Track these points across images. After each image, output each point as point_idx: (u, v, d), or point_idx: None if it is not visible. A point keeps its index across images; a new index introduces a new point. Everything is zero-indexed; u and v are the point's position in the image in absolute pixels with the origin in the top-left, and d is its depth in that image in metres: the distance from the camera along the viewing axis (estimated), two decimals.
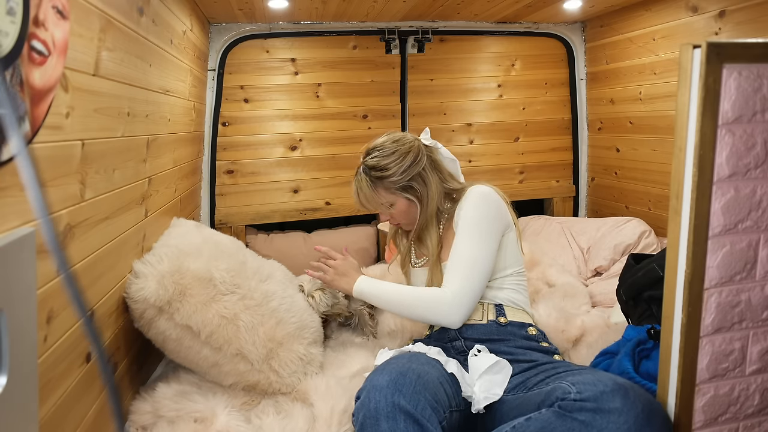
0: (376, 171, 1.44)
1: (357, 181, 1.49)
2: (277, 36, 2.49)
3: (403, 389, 1.02)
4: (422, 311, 1.36)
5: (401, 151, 1.44)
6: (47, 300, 0.90)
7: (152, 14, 1.43)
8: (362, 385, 1.09)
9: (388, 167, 1.43)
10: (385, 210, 1.51)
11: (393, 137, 1.49)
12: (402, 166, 1.43)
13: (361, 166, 1.49)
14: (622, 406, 0.91)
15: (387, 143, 1.47)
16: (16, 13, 0.73)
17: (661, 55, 2.24)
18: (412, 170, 1.43)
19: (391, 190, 1.45)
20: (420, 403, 1.01)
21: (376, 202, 1.48)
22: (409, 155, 1.43)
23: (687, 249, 0.92)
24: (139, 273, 1.33)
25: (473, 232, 1.37)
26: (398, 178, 1.43)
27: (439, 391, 1.09)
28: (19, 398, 0.72)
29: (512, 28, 2.70)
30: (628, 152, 2.56)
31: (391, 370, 1.07)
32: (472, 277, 1.33)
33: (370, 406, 1.01)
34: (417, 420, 0.99)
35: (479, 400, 1.15)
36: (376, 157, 1.45)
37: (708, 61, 0.85)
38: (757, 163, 0.91)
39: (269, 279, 1.58)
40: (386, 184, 1.44)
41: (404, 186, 1.44)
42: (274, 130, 2.57)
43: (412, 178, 1.44)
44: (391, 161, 1.43)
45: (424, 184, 1.45)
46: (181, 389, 1.39)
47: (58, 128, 0.93)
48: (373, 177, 1.45)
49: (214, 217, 2.53)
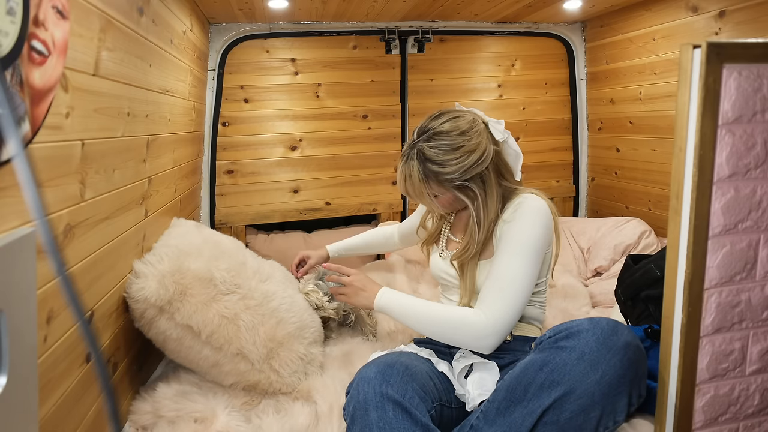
0: (432, 164, 1.27)
1: (407, 167, 1.30)
2: (277, 36, 2.49)
3: (390, 380, 1.04)
4: (452, 332, 1.21)
5: (467, 148, 1.26)
6: (47, 300, 0.90)
7: (152, 14, 1.43)
8: (352, 379, 1.11)
9: (448, 164, 1.26)
10: (429, 199, 1.35)
11: (459, 126, 1.28)
12: (464, 165, 1.26)
13: (413, 149, 1.30)
14: (589, 325, 1.02)
15: (453, 134, 1.27)
16: (16, 13, 0.73)
17: (661, 55, 2.24)
18: (473, 170, 1.27)
19: (444, 186, 1.29)
20: (408, 392, 1.03)
21: (423, 193, 1.32)
22: (474, 154, 1.26)
23: (687, 249, 0.92)
24: (140, 273, 1.33)
25: (523, 252, 1.23)
26: (457, 176, 1.27)
27: (428, 383, 1.12)
28: (19, 398, 0.72)
29: (512, 28, 2.70)
30: (628, 152, 2.56)
31: (379, 362, 1.10)
32: (513, 302, 1.20)
33: (359, 397, 1.03)
34: (405, 408, 1.01)
35: (473, 398, 1.16)
36: (435, 149, 1.27)
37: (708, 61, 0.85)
38: (757, 163, 0.91)
39: (269, 279, 1.58)
40: (441, 179, 1.28)
41: (460, 185, 1.29)
42: (274, 130, 2.57)
43: (471, 179, 1.28)
44: (453, 158, 1.26)
45: (483, 187, 1.29)
46: (182, 389, 1.39)
47: (58, 128, 0.93)
48: (427, 170, 1.28)
49: (214, 217, 2.53)
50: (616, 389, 0.98)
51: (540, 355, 1.03)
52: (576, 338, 1.00)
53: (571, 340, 1.01)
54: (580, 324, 1.03)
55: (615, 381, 0.97)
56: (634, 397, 1.01)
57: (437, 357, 1.29)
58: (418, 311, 1.26)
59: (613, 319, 1.04)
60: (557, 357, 1.00)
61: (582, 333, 1.00)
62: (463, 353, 1.28)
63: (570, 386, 0.97)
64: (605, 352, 0.97)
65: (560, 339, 1.03)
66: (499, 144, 1.33)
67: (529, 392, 1.01)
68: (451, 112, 1.33)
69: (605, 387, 0.97)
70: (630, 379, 0.98)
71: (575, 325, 1.03)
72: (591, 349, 0.98)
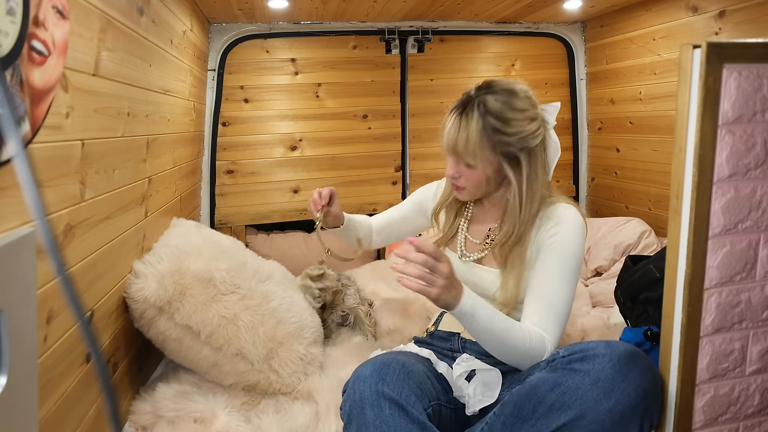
0: (494, 119, 1.15)
1: (466, 118, 1.17)
2: (277, 36, 2.49)
3: (386, 378, 1.03)
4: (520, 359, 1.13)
5: (529, 114, 1.18)
6: (47, 300, 0.90)
7: (152, 14, 1.43)
8: (348, 378, 1.10)
9: (511, 123, 1.16)
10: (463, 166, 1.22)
11: (526, 90, 1.22)
12: (524, 131, 1.16)
13: (474, 99, 1.19)
14: (606, 350, 0.97)
15: (521, 94, 1.20)
16: (16, 13, 0.73)
17: (661, 55, 2.24)
18: (529, 140, 1.17)
19: (496, 150, 1.17)
20: (404, 390, 1.02)
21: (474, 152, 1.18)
22: (534, 123, 1.18)
23: (687, 249, 0.92)
24: (140, 273, 1.33)
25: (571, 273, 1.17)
26: (514, 140, 1.16)
27: (425, 382, 1.10)
28: (19, 398, 0.72)
29: (512, 28, 2.69)
30: (628, 152, 2.55)
31: (375, 361, 1.09)
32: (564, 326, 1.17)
33: (355, 396, 1.02)
34: (402, 406, 1.00)
35: (474, 404, 1.15)
36: (500, 102, 1.17)
37: (708, 61, 0.85)
38: (757, 163, 0.91)
39: (269, 279, 1.58)
40: (498, 139, 1.16)
41: (511, 154, 1.18)
42: (274, 130, 2.57)
43: (523, 150, 1.18)
44: (516, 118, 1.16)
45: (531, 164, 1.19)
46: (181, 389, 1.39)
47: (58, 128, 0.93)
48: (487, 124, 1.16)
49: (214, 217, 2.53)
50: (629, 419, 0.94)
51: (552, 375, 1.00)
52: (591, 362, 0.96)
53: (586, 363, 0.97)
54: (597, 347, 0.98)
55: (628, 410, 0.94)
56: (646, 428, 0.97)
57: (437, 357, 1.28)
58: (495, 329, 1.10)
59: (630, 345, 0.99)
60: (570, 380, 0.97)
61: (598, 358, 0.96)
62: (465, 358, 1.26)
63: (581, 411, 0.94)
64: (620, 380, 0.94)
65: (575, 360, 0.99)
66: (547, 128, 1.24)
67: (537, 411, 0.98)
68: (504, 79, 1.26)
69: (617, 416, 0.93)
70: (643, 410, 0.95)
71: (591, 348, 0.99)
72: (606, 376, 0.94)
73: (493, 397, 1.15)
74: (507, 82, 1.22)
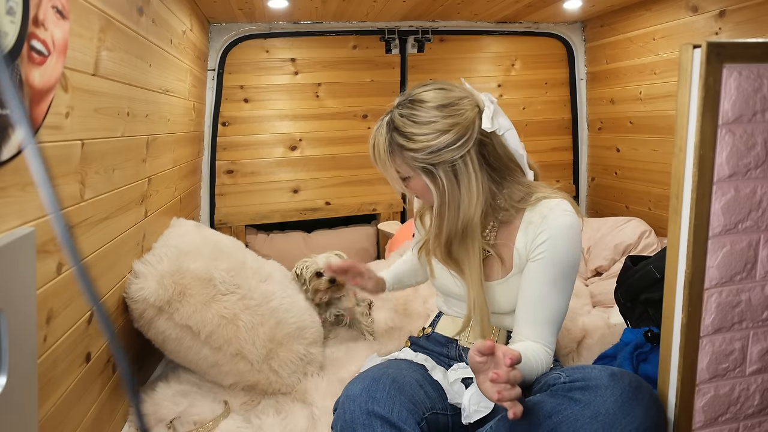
0: (398, 135, 1.08)
1: (376, 134, 1.13)
2: (277, 36, 2.49)
3: (376, 396, 1.00)
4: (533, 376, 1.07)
5: (439, 125, 1.05)
6: (47, 300, 0.90)
7: (152, 14, 1.43)
8: (339, 397, 1.07)
9: (414, 138, 1.06)
10: (400, 181, 1.16)
11: (443, 98, 1.09)
12: (432, 145, 1.05)
13: (388, 115, 1.13)
14: (609, 381, 0.92)
15: (428, 105, 1.08)
16: (15, 13, 0.73)
17: (661, 55, 2.24)
18: (443, 154, 1.05)
19: (409, 164, 1.10)
20: (395, 407, 1.00)
21: (388, 168, 1.14)
22: (448, 135, 1.05)
23: (687, 249, 0.92)
24: (139, 273, 1.33)
25: (566, 279, 1.11)
26: (422, 156, 1.06)
27: (417, 393, 1.07)
28: (19, 398, 0.71)
29: (512, 28, 2.69)
30: (628, 152, 2.55)
31: (364, 377, 1.06)
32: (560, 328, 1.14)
33: (345, 417, 1.00)
34: (393, 424, 0.98)
35: (470, 414, 1.13)
36: (405, 118, 1.08)
37: (708, 61, 0.85)
38: (757, 163, 0.91)
39: (269, 279, 1.58)
40: (406, 156, 1.08)
41: (426, 168, 1.08)
42: (274, 130, 2.57)
43: (439, 164, 1.06)
44: (421, 132, 1.06)
45: (454, 179, 1.07)
46: (181, 389, 1.39)
47: (58, 128, 0.93)
48: (393, 140, 1.09)
49: (214, 217, 2.53)
50: None
51: (551, 401, 0.95)
52: (593, 393, 0.91)
53: (588, 393, 0.91)
54: (600, 377, 0.92)
55: None
56: None
57: (433, 362, 1.26)
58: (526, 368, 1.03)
59: (635, 377, 0.94)
60: (569, 409, 0.92)
61: (600, 389, 0.91)
62: (462, 365, 1.25)
63: None
64: (622, 416, 0.88)
65: (576, 389, 0.93)
66: (491, 135, 1.11)
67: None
68: (443, 83, 1.14)
69: None
70: None
71: (594, 378, 0.93)
72: (607, 410, 0.89)
73: (488, 408, 1.13)
74: (419, 91, 1.11)
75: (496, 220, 1.17)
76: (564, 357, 1.59)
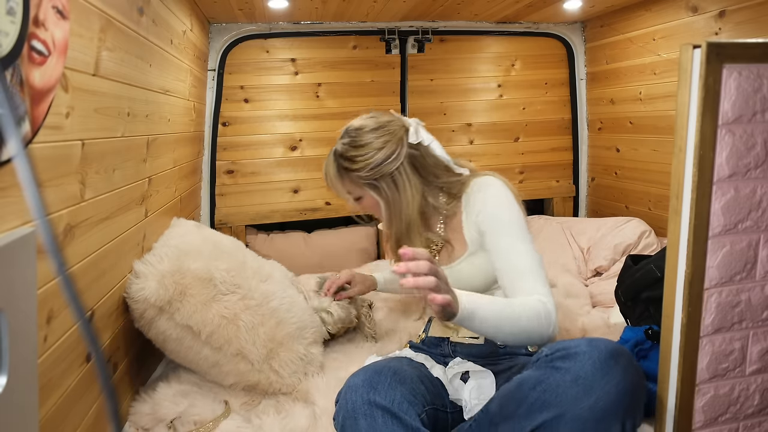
0: (343, 160, 1.28)
1: (326, 163, 1.33)
2: (277, 36, 2.49)
3: (378, 386, 1.02)
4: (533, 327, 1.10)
5: (374, 146, 1.25)
6: (47, 300, 0.90)
7: (152, 14, 1.43)
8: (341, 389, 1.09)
9: (356, 160, 1.26)
10: (352, 201, 1.36)
11: (375, 123, 1.30)
12: (371, 162, 1.24)
13: (333, 148, 1.33)
14: (587, 347, 0.96)
15: (364, 130, 1.28)
16: (16, 13, 0.73)
17: (661, 55, 2.24)
18: (382, 168, 1.25)
19: (357, 184, 1.29)
20: (396, 397, 1.01)
21: (341, 191, 1.34)
22: (383, 152, 1.25)
23: (687, 249, 0.92)
24: (140, 273, 1.33)
25: (518, 234, 1.21)
26: (366, 173, 1.25)
27: (418, 387, 1.09)
28: (19, 398, 0.72)
29: (512, 28, 2.69)
30: (628, 152, 2.56)
31: (366, 369, 1.08)
32: (547, 284, 1.18)
33: (347, 406, 1.02)
34: (394, 414, 0.99)
35: (471, 407, 1.14)
36: (346, 145, 1.29)
37: (708, 61, 0.85)
38: (757, 163, 0.91)
39: (269, 279, 1.58)
40: (352, 176, 1.28)
41: (371, 184, 1.27)
42: (274, 130, 2.57)
43: (381, 177, 1.26)
44: (361, 154, 1.25)
45: (395, 187, 1.27)
46: (182, 389, 1.39)
47: (58, 128, 0.93)
48: (339, 165, 1.29)
49: (214, 217, 2.53)
50: (610, 417, 0.93)
51: (535, 373, 0.99)
52: (573, 360, 0.96)
53: (568, 361, 0.96)
54: (578, 345, 0.98)
55: (609, 407, 0.92)
56: (628, 427, 0.95)
57: (433, 361, 1.27)
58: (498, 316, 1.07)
59: (613, 342, 0.98)
60: (551, 377, 0.96)
61: (579, 355, 0.96)
62: (457, 360, 1.26)
63: (561, 410, 0.93)
64: (600, 377, 0.92)
65: (557, 359, 0.98)
66: (419, 147, 1.29)
67: (520, 409, 0.98)
68: (374, 113, 1.35)
69: (598, 413, 0.92)
70: (625, 408, 0.93)
71: (573, 346, 0.98)
72: (586, 373, 0.93)
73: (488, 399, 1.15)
74: (355, 122, 1.32)
75: (442, 215, 1.34)
76: None
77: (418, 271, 0.91)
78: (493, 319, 1.05)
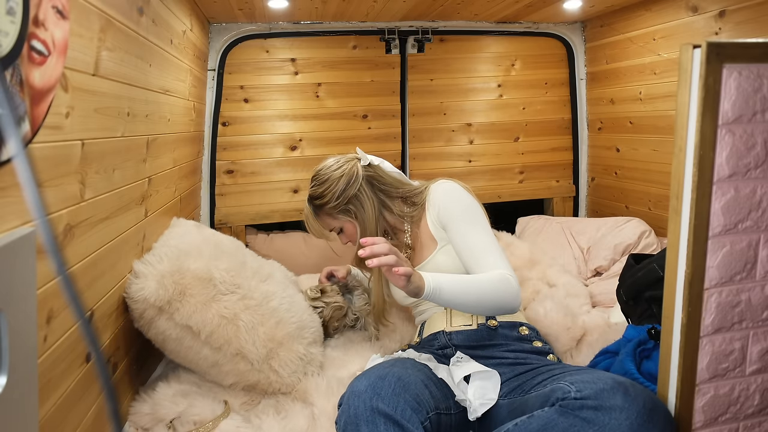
0: (315, 200, 1.51)
1: (305, 211, 1.56)
2: (277, 36, 2.49)
3: (381, 393, 1.01)
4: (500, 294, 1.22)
5: (334, 177, 1.48)
6: (47, 300, 0.90)
7: (152, 14, 1.43)
8: (344, 392, 1.08)
9: (324, 195, 1.48)
10: (335, 237, 1.58)
11: (329, 163, 1.53)
12: (336, 190, 1.46)
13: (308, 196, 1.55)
14: (623, 402, 0.91)
15: (323, 170, 1.52)
16: (15, 13, 0.73)
17: (661, 55, 2.24)
18: (347, 192, 1.47)
19: (333, 216, 1.51)
20: (399, 405, 1.01)
21: (325, 230, 1.56)
22: (343, 179, 1.47)
23: (687, 249, 0.92)
24: (139, 273, 1.33)
25: (473, 220, 1.36)
26: (335, 203, 1.47)
27: (422, 392, 1.08)
28: (19, 398, 0.72)
29: (512, 28, 2.69)
30: (628, 152, 2.56)
31: (370, 374, 1.07)
32: (506, 259, 1.31)
33: (350, 412, 1.01)
34: (397, 422, 0.98)
35: (475, 408, 1.14)
36: (313, 185, 1.52)
37: (708, 61, 0.85)
38: (757, 163, 0.91)
39: (269, 279, 1.58)
40: (327, 210, 1.50)
41: (343, 209, 1.49)
42: (274, 130, 2.57)
43: (348, 201, 1.47)
44: (326, 188, 1.48)
45: (362, 206, 1.48)
46: (181, 389, 1.39)
47: (58, 128, 0.93)
48: (314, 206, 1.52)
49: (214, 217, 2.53)
50: None
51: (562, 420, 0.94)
52: (606, 415, 0.90)
53: (601, 414, 0.91)
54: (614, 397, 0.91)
55: None
56: None
57: (436, 362, 1.27)
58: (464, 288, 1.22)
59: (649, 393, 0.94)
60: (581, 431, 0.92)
61: (615, 411, 0.90)
62: (459, 359, 1.26)
63: None
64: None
65: (588, 408, 0.92)
66: (372, 168, 1.52)
67: None
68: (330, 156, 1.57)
69: None
70: None
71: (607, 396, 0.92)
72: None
73: (493, 400, 1.14)
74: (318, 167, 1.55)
75: (407, 221, 1.52)
76: (563, 354, 1.59)
77: (380, 251, 1.10)
78: (460, 290, 1.21)
